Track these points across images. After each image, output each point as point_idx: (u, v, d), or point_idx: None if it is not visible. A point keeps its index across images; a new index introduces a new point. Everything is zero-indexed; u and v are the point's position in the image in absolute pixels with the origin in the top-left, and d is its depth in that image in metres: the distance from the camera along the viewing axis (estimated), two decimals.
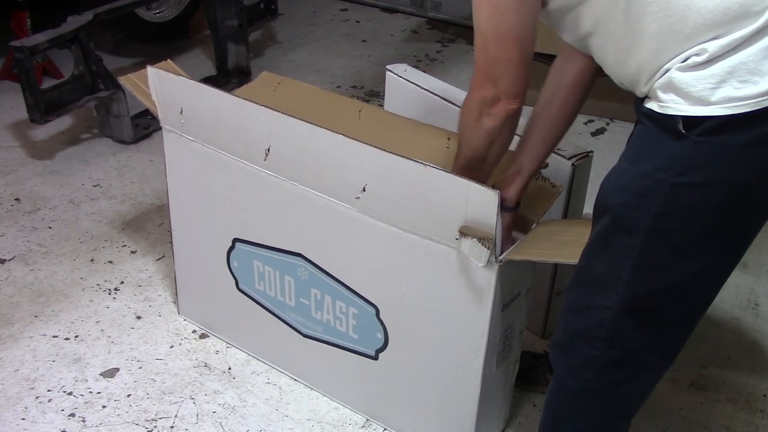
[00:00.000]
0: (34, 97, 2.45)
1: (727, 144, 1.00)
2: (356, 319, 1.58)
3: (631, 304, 1.14)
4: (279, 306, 1.71)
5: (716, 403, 1.80)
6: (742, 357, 1.95)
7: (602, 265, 1.15)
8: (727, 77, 0.99)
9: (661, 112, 1.05)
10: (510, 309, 1.45)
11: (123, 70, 3.24)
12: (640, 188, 1.07)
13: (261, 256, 1.67)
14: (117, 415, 1.69)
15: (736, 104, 0.99)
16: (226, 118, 1.56)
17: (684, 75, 1.02)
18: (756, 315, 2.09)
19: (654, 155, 1.06)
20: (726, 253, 1.12)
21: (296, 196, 1.53)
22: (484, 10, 1.16)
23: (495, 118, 1.24)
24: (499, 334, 1.45)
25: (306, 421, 1.70)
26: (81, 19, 2.58)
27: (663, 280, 1.11)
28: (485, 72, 1.21)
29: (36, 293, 2.04)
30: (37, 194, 2.46)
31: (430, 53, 3.66)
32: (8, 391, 1.74)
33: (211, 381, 1.79)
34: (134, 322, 1.96)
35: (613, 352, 1.18)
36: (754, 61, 0.99)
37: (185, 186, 1.75)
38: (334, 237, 1.53)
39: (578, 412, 1.28)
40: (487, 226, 1.29)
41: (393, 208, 1.41)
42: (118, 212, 2.39)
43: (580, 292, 1.22)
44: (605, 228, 1.13)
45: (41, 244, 2.23)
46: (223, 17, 3.21)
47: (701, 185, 1.03)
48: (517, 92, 1.21)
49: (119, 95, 2.67)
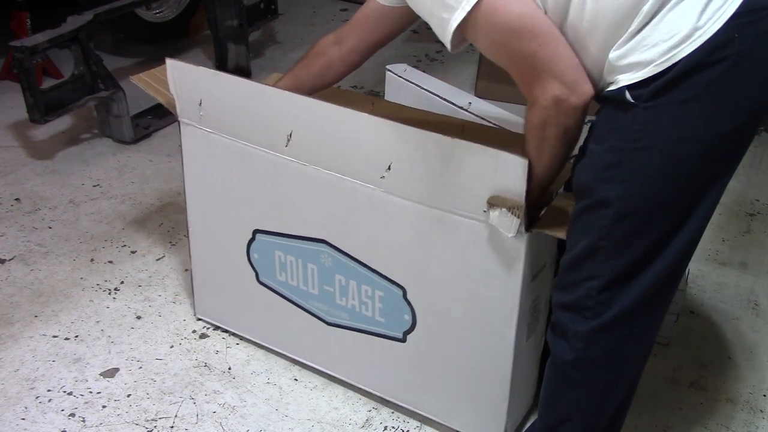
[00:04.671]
0: (34, 97, 2.45)
1: (672, 102, 1.08)
2: (382, 302, 1.58)
3: (613, 270, 1.20)
4: (302, 295, 1.71)
5: (716, 403, 1.80)
6: (742, 357, 1.95)
7: (583, 240, 1.22)
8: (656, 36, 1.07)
9: (610, 89, 1.13)
10: (538, 279, 1.46)
11: (123, 70, 3.26)
12: (605, 162, 1.15)
13: (283, 246, 1.67)
14: (117, 415, 1.69)
15: (669, 54, 1.06)
16: (246, 106, 1.55)
17: (618, 52, 1.11)
18: (756, 315, 2.09)
19: (612, 131, 1.14)
20: (695, 207, 1.16)
21: (319, 181, 1.52)
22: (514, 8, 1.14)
23: (573, 114, 1.17)
24: (529, 304, 1.46)
25: (306, 421, 1.70)
26: (81, 19, 2.59)
27: (640, 243, 1.17)
28: (539, 74, 1.15)
29: (36, 293, 2.04)
30: (37, 194, 2.46)
31: (430, 53, 3.66)
32: (8, 391, 1.74)
33: (211, 381, 1.79)
34: (134, 322, 1.96)
35: (600, 320, 1.24)
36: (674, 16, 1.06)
37: (203, 180, 1.74)
38: (359, 220, 1.52)
39: (572, 383, 1.34)
40: (516, 195, 1.28)
41: (419, 186, 1.41)
42: (118, 212, 2.39)
43: (565, 273, 1.28)
44: (580, 208, 1.22)
45: (41, 244, 2.23)
46: (223, 17, 3.21)
47: (657, 147, 1.10)
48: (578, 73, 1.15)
49: (119, 95, 2.67)
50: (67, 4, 2.81)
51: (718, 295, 2.16)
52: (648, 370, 1.84)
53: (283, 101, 1.50)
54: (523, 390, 1.64)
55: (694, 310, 2.09)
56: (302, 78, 1.62)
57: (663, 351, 1.93)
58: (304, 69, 1.63)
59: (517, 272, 1.39)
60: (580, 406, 1.37)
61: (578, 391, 1.36)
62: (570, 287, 1.27)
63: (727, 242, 2.38)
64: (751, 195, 2.63)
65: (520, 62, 1.17)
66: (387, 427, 1.69)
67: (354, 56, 1.60)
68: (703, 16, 1.04)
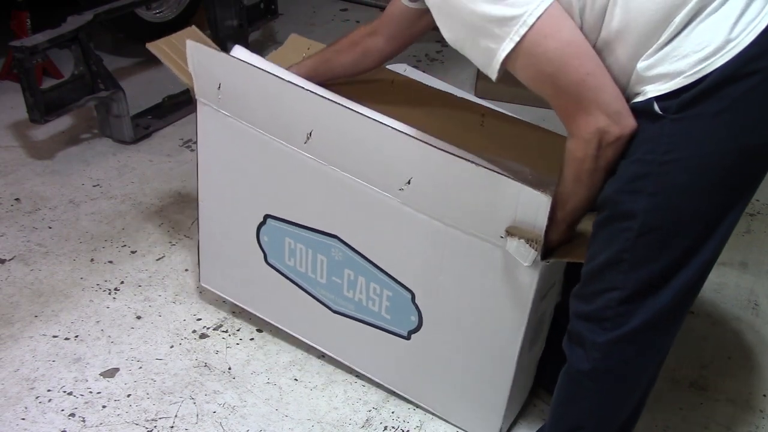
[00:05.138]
0: (34, 97, 2.45)
1: (702, 114, 1.06)
2: (390, 302, 1.59)
3: (635, 283, 1.19)
4: (309, 282, 1.71)
5: (716, 403, 1.80)
6: (742, 357, 1.95)
7: (605, 252, 1.20)
8: (687, 48, 1.05)
9: (637, 100, 1.12)
10: (547, 298, 1.48)
11: (123, 70, 3.26)
12: (632, 174, 1.13)
13: (293, 234, 1.67)
14: (117, 415, 1.69)
15: (701, 66, 1.04)
16: (266, 99, 1.54)
17: (647, 62, 1.09)
18: (756, 315, 2.09)
19: (639, 142, 1.12)
20: (719, 223, 1.16)
21: (336, 181, 1.52)
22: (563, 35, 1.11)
23: (616, 146, 1.13)
24: (535, 320, 1.47)
25: (306, 421, 1.70)
26: (81, 19, 2.58)
27: (663, 257, 1.16)
28: (585, 105, 1.12)
29: (36, 293, 2.04)
30: (37, 194, 2.46)
31: (430, 53, 3.66)
32: (8, 391, 1.74)
33: (211, 381, 1.79)
34: (134, 322, 1.96)
35: (618, 332, 1.23)
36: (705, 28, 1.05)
37: (217, 159, 1.73)
38: (373, 223, 1.52)
39: (587, 392, 1.34)
40: (536, 228, 1.28)
41: (438, 203, 1.40)
42: (118, 212, 2.39)
43: (585, 283, 1.27)
44: (603, 218, 1.20)
45: (41, 244, 2.23)
46: (223, 17, 3.21)
47: (688, 159, 1.08)
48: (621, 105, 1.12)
49: (119, 95, 2.67)
50: (67, 4, 2.81)
51: (718, 295, 2.16)
52: None
53: (306, 100, 1.47)
54: (520, 393, 1.65)
55: (694, 310, 2.08)
56: (335, 63, 1.63)
57: None
58: (337, 55, 1.63)
59: (528, 297, 1.39)
60: (593, 415, 1.36)
61: (592, 400, 1.35)
62: (589, 297, 1.25)
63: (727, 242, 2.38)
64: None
65: (566, 92, 1.13)
66: (387, 427, 1.69)
67: (389, 48, 1.61)
68: (736, 28, 1.03)
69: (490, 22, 1.10)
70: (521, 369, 1.53)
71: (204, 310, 2.00)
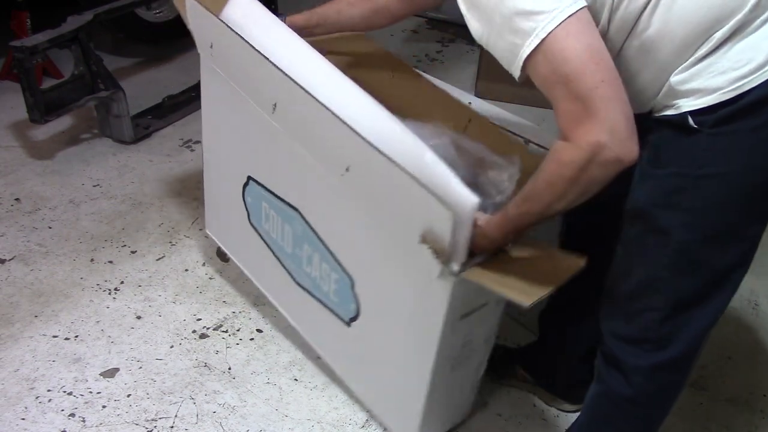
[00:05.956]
0: (34, 97, 2.45)
1: (740, 131, 1.06)
2: (336, 285, 1.58)
3: (675, 302, 1.18)
4: (279, 249, 1.75)
5: (716, 403, 1.80)
6: (742, 357, 1.95)
7: (640, 269, 1.19)
8: (725, 64, 1.05)
9: (669, 113, 1.11)
10: (471, 318, 1.40)
11: (123, 70, 3.26)
12: (668, 188, 1.13)
13: (268, 199, 1.70)
14: (117, 415, 1.69)
15: (740, 83, 1.04)
16: (244, 66, 1.56)
17: (681, 76, 1.08)
18: (756, 315, 2.09)
19: (675, 156, 1.12)
20: (755, 239, 1.17)
21: (297, 154, 1.52)
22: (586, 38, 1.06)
23: (608, 168, 1.04)
24: (457, 341, 1.42)
25: (306, 421, 1.70)
26: (81, 19, 2.58)
27: (702, 272, 1.16)
28: (591, 114, 1.03)
29: (36, 293, 2.04)
30: (37, 194, 2.46)
31: (430, 53, 3.66)
32: (8, 391, 1.74)
33: (211, 381, 1.79)
34: (134, 322, 1.96)
35: (662, 355, 1.22)
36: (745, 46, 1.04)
37: (215, 112, 1.81)
38: (324, 203, 1.53)
39: (626, 416, 1.33)
40: (443, 241, 1.20)
41: (370, 196, 1.38)
42: (118, 212, 2.39)
43: (623, 303, 1.24)
44: (637, 232, 1.18)
45: (41, 244, 2.23)
46: None
47: (725, 174, 1.08)
48: (629, 128, 1.04)
49: (119, 95, 2.67)
50: (67, 4, 2.81)
51: None
52: None
53: (271, 73, 1.45)
54: (447, 411, 1.62)
55: None
56: (344, 13, 1.61)
57: None
58: (349, 7, 1.61)
59: (440, 310, 1.32)
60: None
61: (630, 423, 1.34)
62: (628, 318, 1.24)
63: None
64: None
65: (576, 96, 1.05)
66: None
67: (401, 9, 1.59)
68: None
69: (519, 15, 1.07)
70: (441, 388, 1.49)
71: (204, 310, 2.01)
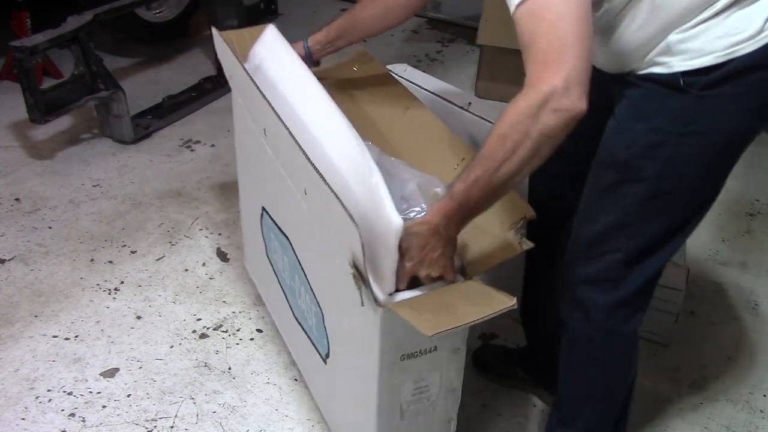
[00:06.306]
0: (34, 97, 2.45)
1: (724, 95, 1.13)
2: (315, 318, 1.52)
3: (637, 245, 1.25)
4: (283, 281, 1.72)
5: (716, 403, 1.80)
6: (742, 357, 1.95)
7: (610, 215, 1.26)
8: (722, 29, 1.10)
9: (659, 71, 1.15)
10: (419, 361, 1.25)
11: (123, 70, 3.26)
12: (649, 141, 1.18)
13: (273, 229, 1.68)
14: (117, 415, 1.69)
15: (732, 49, 1.10)
16: (243, 92, 1.61)
17: (681, 35, 1.13)
18: (756, 315, 2.09)
19: (659, 111, 1.17)
20: (718, 188, 1.25)
21: (284, 181, 1.50)
22: None
23: (559, 116, 1.01)
24: (404, 384, 1.28)
25: (306, 421, 1.70)
26: (81, 19, 2.59)
27: (667, 220, 1.24)
28: (550, 55, 1.01)
29: (36, 293, 2.04)
30: (37, 194, 2.46)
31: (430, 53, 3.66)
32: (8, 391, 1.74)
33: (211, 381, 1.79)
34: (134, 322, 1.96)
35: (620, 292, 1.30)
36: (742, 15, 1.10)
37: (242, 144, 1.83)
38: (302, 228, 1.50)
39: (590, 357, 1.40)
40: (359, 263, 1.11)
41: (323, 220, 1.31)
42: (118, 212, 2.39)
43: (588, 247, 1.31)
44: (610, 181, 1.24)
45: (41, 244, 2.23)
46: (223, 17, 3.21)
47: (706, 134, 1.15)
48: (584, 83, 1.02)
49: (119, 95, 2.67)
50: (67, 4, 2.81)
51: (718, 295, 2.16)
52: (648, 370, 1.85)
53: (258, 101, 1.45)
54: None
55: (694, 310, 2.09)
56: (359, 18, 1.62)
57: (663, 351, 1.93)
58: (362, 10, 1.61)
59: (374, 347, 1.19)
60: (598, 383, 1.41)
61: (596, 366, 1.40)
62: (592, 260, 1.30)
63: (727, 242, 2.38)
64: (751, 195, 2.63)
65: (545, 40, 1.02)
66: None
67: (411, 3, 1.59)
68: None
69: None
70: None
71: (204, 310, 2.01)
